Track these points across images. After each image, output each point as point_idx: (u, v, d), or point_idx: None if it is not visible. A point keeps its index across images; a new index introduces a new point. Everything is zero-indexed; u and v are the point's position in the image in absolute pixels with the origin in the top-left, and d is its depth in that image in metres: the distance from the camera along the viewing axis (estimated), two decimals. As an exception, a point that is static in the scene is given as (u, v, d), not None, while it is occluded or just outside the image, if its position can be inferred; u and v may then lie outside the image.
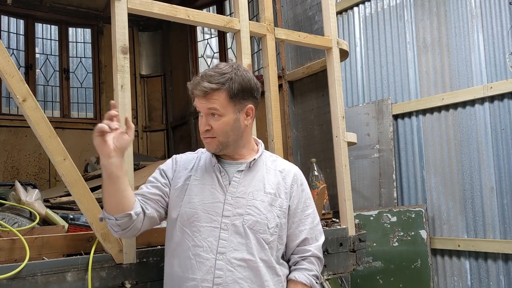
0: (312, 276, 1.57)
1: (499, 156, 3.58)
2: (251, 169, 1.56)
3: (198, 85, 1.47)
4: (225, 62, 1.57)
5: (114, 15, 1.78)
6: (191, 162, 1.62)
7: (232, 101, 1.48)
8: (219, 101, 1.46)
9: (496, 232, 3.56)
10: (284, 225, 1.56)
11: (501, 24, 3.61)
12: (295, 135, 3.29)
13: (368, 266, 3.99)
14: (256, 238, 1.47)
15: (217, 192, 1.52)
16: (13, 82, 1.50)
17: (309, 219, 1.61)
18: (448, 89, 3.91)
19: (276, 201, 1.54)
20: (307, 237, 1.59)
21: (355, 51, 4.64)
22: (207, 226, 1.48)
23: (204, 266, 1.44)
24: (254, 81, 1.55)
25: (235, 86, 1.47)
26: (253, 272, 1.45)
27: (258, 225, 1.48)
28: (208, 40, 5.14)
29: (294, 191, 1.59)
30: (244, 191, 1.52)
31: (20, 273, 1.47)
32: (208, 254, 1.45)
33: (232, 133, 1.51)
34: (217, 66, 1.53)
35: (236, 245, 1.46)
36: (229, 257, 1.44)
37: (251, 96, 1.54)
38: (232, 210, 1.49)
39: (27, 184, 2.44)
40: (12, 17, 4.82)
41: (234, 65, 1.54)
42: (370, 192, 4.29)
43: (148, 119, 5.47)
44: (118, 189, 1.40)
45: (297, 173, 1.64)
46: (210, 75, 1.47)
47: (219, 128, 1.49)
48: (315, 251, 1.59)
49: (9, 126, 4.54)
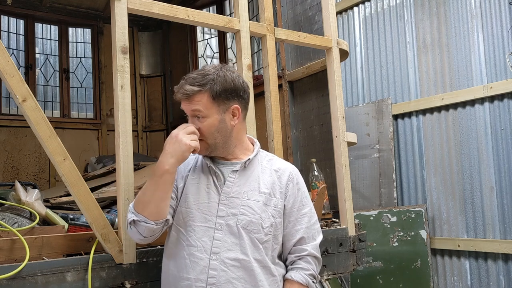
0: (309, 276, 1.56)
1: (499, 156, 3.58)
2: (246, 169, 1.56)
3: (181, 88, 1.49)
4: (212, 64, 1.57)
5: (114, 15, 1.78)
6: (190, 162, 1.63)
7: (215, 101, 1.48)
8: (201, 103, 1.47)
9: (496, 232, 3.56)
10: (279, 225, 1.55)
11: (501, 24, 3.61)
12: (295, 135, 3.29)
13: (368, 266, 3.99)
14: (250, 238, 1.47)
15: (212, 192, 1.52)
16: (13, 82, 1.50)
17: (305, 218, 1.60)
18: (448, 89, 3.91)
19: (271, 201, 1.54)
20: (303, 236, 1.58)
21: (355, 51, 4.64)
22: (201, 226, 1.48)
23: (198, 266, 1.44)
24: (238, 80, 1.54)
25: (217, 87, 1.47)
26: (247, 272, 1.45)
27: (252, 225, 1.48)
28: (208, 40, 5.14)
29: (289, 190, 1.59)
30: (239, 191, 1.52)
31: (20, 273, 1.47)
32: (202, 254, 1.45)
33: (218, 134, 1.51)
34: (202, 68, 1.54)
35: (230, 245, 1.46)
36: (223, 257, 1.44)
37: (236, 96, 1.53)
38: (227, 210, 1.49)
39: (27, 184, 2.44)
40: (12, 17, 4.82)
41: (217, 66, 1.53)
42: (370, 192, 4.29)
43: (148, 119, 5.47)
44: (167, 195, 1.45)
45: (292, 172, 1.63)
46: (192, 77, 1.48)
47: (204, 130, 1.49)
48: (312, 250, 1.58)
49: (9, 126, 4.54)
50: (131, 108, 1.78)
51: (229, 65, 1.58)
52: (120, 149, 1.73)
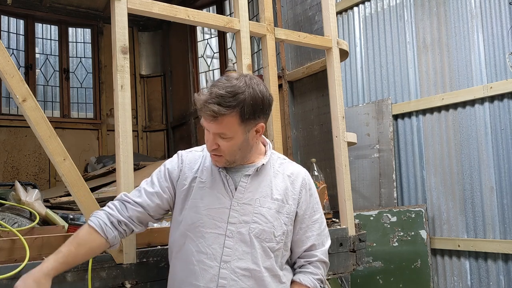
0: (317, 280, 1.55)
1: (499, 156, 3.58)
2: (258, 173, 1.51)
3: (207, 107, 1.34)
4: (236, 74, 1.45)
5: (114, 15, 1.78)
6: (197, 162, 1.56)
7: (243, 123, 1.38)
8: (229, 126, 1.36)
9: (496, 232, 3.56)
10: (290, 232, 1.53)
11: (501, 24, 3.61)
12: (295, 135, 3.29)
13: (368, 266, 3.99)
14: (262, 247, 1.44)
15: (223, 197, 1.47)
16: (13, 82, 1.50)
17: (316, 225, 1.58)
18: (448, 89, 3.91)
19: (283, 208, 1.50)
20: (314, 243, 1.56)
21: (355, 51, 4.64)
22: (211, 233, 1.44)
23: (208, 274, 1.42)
24: (267, 96, 1.42)
25: (247, 109, 1.35)
26: (257, 282, 1.43)
27: (264, 234, 1.45)
28: (208, 40, 5.14)
29: (302, 197, 1.55)
30: (251, 197, 1.47)
31: (20, 273, 1.46)
32: (212, 261, 1.42)
33: (239, 152, 1.45)
34: (228, 79, 1.39)
35: (241, 254, 1.43)
36: (233, 266, 1.41)
37: (263, 114, 1.43)
38: (238, 217, 1.45)
39: (27, 184, 2.44)
40: (12, 17, 4.82)
41: (247, 80, 1.39)
42: (370, 192, 4.29)
43: (148, 119, 5.47)
44: (75, 262, 1.40)
45: (305, 177, 1.59)
46: (220, 95, 1.33)
47: (226, 149, 1.42)
48: (321, 256, 1.57)
49: (9, 126, 4.54)
50: (131, 108, 1.78)
51: (254, 76, 1.46)
52: (120, 149, 1.72)
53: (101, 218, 1.44)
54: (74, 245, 1.36)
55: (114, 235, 1.45)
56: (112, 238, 1.44)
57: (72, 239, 1.39)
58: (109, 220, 1.45)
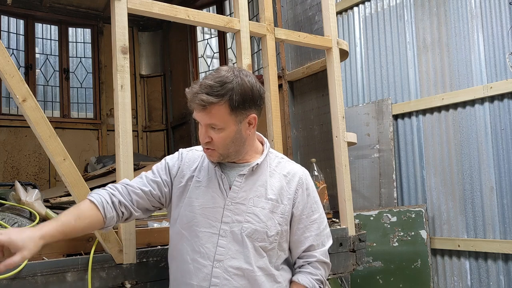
0: (316, 281, 1.53)
1: (499, 156, 3.58)
2: (253, 173, 1.50)
3: (196, 97, 1.36)
4: (226, 67, 1.44)
5: (114, 15, 1.78)
6: (196, 161, 1.57)
7: (233, 113, 1.38)
8: (219, 115, 1.37)
9: (496, 232, 3.56)
10: (286, 232, 1.51)
11: (501, 24, 3.61)
12: (295, 135, 3.29)
13: (368, 266, 3.99)
14: (254, 246, 1.44)
15: (217, 197, 1.47)
16: (13, 82, 1.50)
17: (315, 225, 1.56)
18: (448, 89, 3.91)
19: (278, 208, 1.49)
20: (312, 244, 1.54)
21: (355, 51, 4.64)
22: (205, 232, 1.45)
23: (201, 273, 1.42)
24: (257, 87, 1.44)
25: (236, 98, 1.36)
26: (250, 281, 1.42)
27: (256, 234, 1.44)
28: (208, 40, 5.14)
29: (298, 197, 1.53)
30: (245, 197, 1.47)
31: (20, 273, 1.47)
32: (206, 260, 1.43)
33: (233, 145, 1.44)
34: (217, 71, 1.41)
35: (234, 253, 1.43)
36: (226, 265, 1.41)
37: (254, 105, 1.43)
38: (232, 216, 1.45)
39: (27, 184, 2.44)
40: (12, 17, 4.82)
41: (235, 71, 1.41)
42: (370, 192, 4.29)
43: (148, 119, 5.47)
44: (71, 234, 1.36)
45: (302, 176, 1.57)
46: (209, 85, 1.36)
47: (219, 141, 1.42)
48: (320, 256, 1.55)
49: (9, 126, 4.54)
50: (131, 108, 1.78)
51: (244, 69, 1.49)
52: (120, 149, 1.73)
53: (103, 196, 1.44)
54: (74, 218, 1.35)
55: (111, 216, 1.44)
56: (110, 219, 1.44)
57: (72, 210, 1.38)
58: (111, 199, 1.45)
